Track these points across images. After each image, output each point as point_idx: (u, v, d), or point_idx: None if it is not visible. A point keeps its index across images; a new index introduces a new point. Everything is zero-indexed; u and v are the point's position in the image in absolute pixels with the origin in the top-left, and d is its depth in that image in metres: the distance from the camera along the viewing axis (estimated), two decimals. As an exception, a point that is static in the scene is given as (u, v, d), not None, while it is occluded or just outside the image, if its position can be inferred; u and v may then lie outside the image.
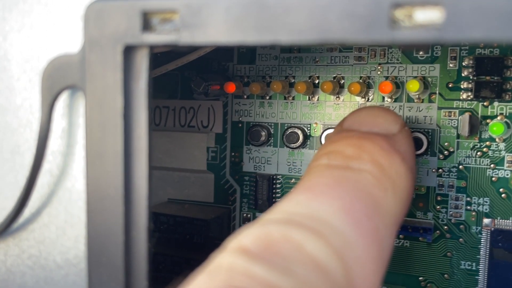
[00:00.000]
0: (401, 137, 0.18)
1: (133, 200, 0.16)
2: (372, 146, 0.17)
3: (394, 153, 0.17)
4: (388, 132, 0.18)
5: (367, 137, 0.17)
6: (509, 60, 0.27)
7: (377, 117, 0.18)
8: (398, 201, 0.16)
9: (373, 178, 0.16)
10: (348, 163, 0.16)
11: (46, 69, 0.17)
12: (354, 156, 0.16)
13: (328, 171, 0.16)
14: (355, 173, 0.16)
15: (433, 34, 0.13)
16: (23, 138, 0.19)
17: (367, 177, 0.16)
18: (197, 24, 0.15)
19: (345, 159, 0.16)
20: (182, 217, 0.32)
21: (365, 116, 0.18)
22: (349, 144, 0.17)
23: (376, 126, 0.18)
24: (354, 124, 0.18)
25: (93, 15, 0.16)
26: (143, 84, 0.16)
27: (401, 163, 0.17)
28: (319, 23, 0.14)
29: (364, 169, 0.16)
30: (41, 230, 0.19)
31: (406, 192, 0.17)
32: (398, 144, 0.17)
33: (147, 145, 0.16)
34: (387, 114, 0.18)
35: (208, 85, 0.31)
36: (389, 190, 0.16)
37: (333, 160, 0.16)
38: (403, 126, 0.18)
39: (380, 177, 0.16)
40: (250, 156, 0.33)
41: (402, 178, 0.17)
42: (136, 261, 0.16)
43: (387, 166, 0.16)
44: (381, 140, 0.17)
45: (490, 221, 0.28)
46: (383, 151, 0.17)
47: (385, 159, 0.16)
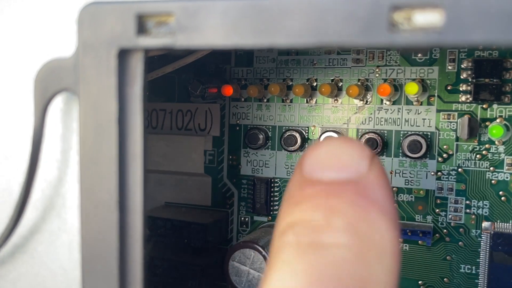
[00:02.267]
0: (373, 177, 0.15)
1: (128, 206, 0.16)
2: (343, 204, 0.14)
3: (370, 208, 0.14)
4: (357, 173, 0.15)
5: (335, 191, 0.14)
6: (508, 63, 0.27)
7: (340, 155, 0.15)
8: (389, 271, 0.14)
9: (353, 254, 0.13)
10: (319, 238, 0.14)
11: (39, 73, 0.17)
12: (324, 225, 0.14)
13: (297, 260, 0.13)
14: (330, 255, 0.13)
15: (432, 37, 0.13)
16: (16, 142, 0.19)
17: (345, 256, 0.13)
18: (193, 27, 0.15)
19: (314, 231, 0.14)
20: (179, 221, 0.31)
21: (326, 155, 0.15)
22: (315, 206, 0.14)
23: (342, 168, 0.15)
24: (316, 168, 0.15)
25: (87, 18, 0.16)
26: (138, 88, 0.16)
27: (380, 217, 0.14)
28: (317, 26, 0.13)
29: (339, 243, 0.13)
30: (34, 237, 0.19)
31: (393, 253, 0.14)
32: (372, 190, 0.14)
33: (142, 150, 0.16)
34: (351, 149, 0.15)
35: (205, 88, 0.30)
36: (375, 264, 0.13)
37: (300, 235, 0.14)
38: (371, 158, 0.15)
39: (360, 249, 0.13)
40: (247, 159, 0.32)
41: (386, 239, 0.14)
42: (131, 268, 0.16)
43: (365, 229, 0.14)
44: (351, 192, 0.14)
45: (490, 224, 0.27)
46: (357, 209, 0.14)
47: (361, 219, 0.14)
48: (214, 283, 0.32)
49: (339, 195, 0.14)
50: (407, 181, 0.29)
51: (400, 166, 0.29)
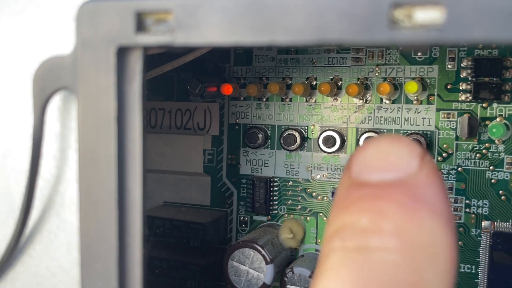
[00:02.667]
0: (424, 177, 0.14)
1: (127, 205, 0.16)
2: (391, 206, 0.13)
3: (420, 209, 0.13)
4: (407, 173, 0.14)
5: (383, 194, 0.14)
6: (508, 61, 0.26)
7: (388, 155, 0.14)
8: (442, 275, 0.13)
9: (402, 258, 0.12)
10: (367, 242, 0.13)
11: (38, 71, 0.17)
12: (372, 229, 0.13)
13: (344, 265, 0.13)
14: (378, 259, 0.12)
15: (433, 34, 0.13)
16: (15, 141, 0.19)
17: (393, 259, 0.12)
18: (192, 25, 0.15)
19: (361, 235, 0.13)
20: (178, 220, 0.31)
21: (373, 156, 0.14)
22: (362, 210, 0.14)
23: (390, 169, 0.14)
24: (363, 170, 0.15)
25: (85, 16, 0.16)
26: (137, 86, 0.15)
27: (432, 219, 0.13)
28: (317, 23, 0.13)
29: (387, 247, 0.13)
30: (33, 236, 0.19)
31: (449, 258, 0.13)
32: (422, 191, 0.14)
33: (141, 148, 0.16)
34: (400, 147, 0.14)
35: (204, 87, 0.30)
36: (426, 267, 0.13)
37: (347, 240, 0.13)
38: (422, 158, 0.14)
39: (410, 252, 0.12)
40: (247, 159, 0.32)
41: (439, 241, 0.13)
42: (130, 268, 0.16)
43: (415, 232, 0.13)
44: (400, 192, 0.13)
45: (490, 224, 0.27)
46: (406, 210, 0.13)
47: (410, 222, 0.13)
48: (213, 283, 0.32)
49: (387, 197, 0.14)
50: (406, 180, 0.29)
51: (400, 165, 0.29)
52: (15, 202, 0.19)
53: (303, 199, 0.31)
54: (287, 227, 0.31)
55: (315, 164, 0.31)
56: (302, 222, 0.31)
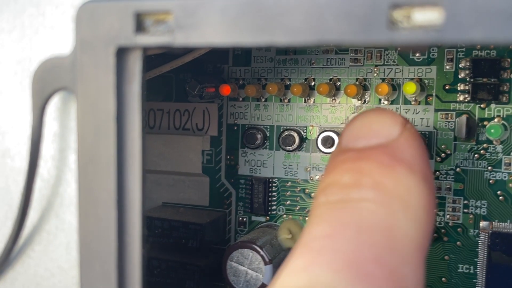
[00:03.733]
0: (404, 140, 0.15)
1: (126, 205, 0.16)
2: (370, 165, 0.15)
3: (397, 166, 0.15)
4: (388, 138, 0.15)
5: (364, 155, 0.15)
6: (506, 62, 0.27)
7: (372, 124, 0.16)
8: (415, 222, 0.14)
9: (378, 207, 0.14)
10: (347, 195, 0.14)
11: (37, 71, 0.17)
12: (352, 184, 0.14)
13: (326, 213, 0.14)
14: (356, 208, 0.14)
15: (432, 35, 0.13)
16: (14, 141, 0.19)
17: (370, 208, 0.14)
18: (191, 25, 0.15)
19: (342, 190, 0.14)
20: (177, 221, 0.31)
21: (359, 126, 0.16)
22: (345, 170, 0.15)
23: (373, 135, 0.16)
24: (350, 139, 0.16)
25: (85, 16, 0.16)
26: (136, 87, 0.15)
27: (408, 174, 0.14)
28: (316, 24, 0.13)
29: (365, 198, 0.14)
30: (32, 236, 0.18)
31: (423, 208, 0.14)
32: (401, 151, 0.15)
33: (141, 149, 0.16)
34: (383, 117, 0.16)
35: (203, 87, 0.30)
36: (399, 213, 0.14)
37: (330, 195, 0.15)
38: (403, 125, 0.16)
39: (385, 201, 0.14)
40: (245, 159, 0.32)
41: (413, 192, 0.14)
42: (129, 268, 0.16)
43: (391, 185, 0.14)
44: (380, 153, 0.15)
45: (488, 224, 0.27)
46: (384, 167, 0.14)
47: (387, 176, 0.14)
48: (212, 284, 0.32)
49: (368, 157, 0.15)
50: (405, 181, 0.29)
51: (398, 166, 0.29)
52: (14, 203, 0.19)
53: (301, 200, 0.31)
54: (286, 228, 0.31)
55: (314, 164, 0.31)
56: (301, 223, 0.31)
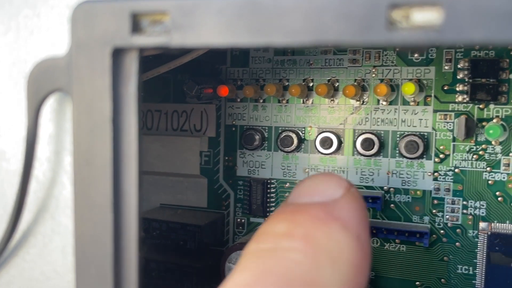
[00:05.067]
0: (344, 201, 0.16)
1: (123, 208, 0.16)
2: (306, 217, 0.15)
3: (331, 221, 0.15)
4: (329, 198, 0.16)
5: (302, 209, 0.15)
6: (504, 62, 0.26)
7: (318, 185, 0.17)
8: (341, 278, 0.14)
9: (304, 258, 0.14)
10: (277, 244, 0.14)
11: (32, 73, 0.16)
12: (285, 234, 0.14)
13: (252, 262, 0.14)
14: (282, 257, 0.14)
15: (431, 35, 0.13)
16: (9, 143, 0.18)
17: (296, 258, 0.14)
18: (188, 26, 0.15)
19: (274, 239, 0.14)
20: (175, 222, 0.31)
21: (306, 185, 0.17)
22: (280, 220, 0.15)
23: (316, 194, 0.16)
24: (295, 197, 0.17)
25: (80, 17, 0.16)
26: (132, 88, 0.15)
27: (341, 231, 0.15)
28: (314, 25, 0.13)
29: (294, 248, 0.14)
30: (27, 239, 0.18)
31: (352, 265, 0.14)
32: (339, 210, 0.15)
33: (137, 151, 0.16)
34: (330, 180, 0.16)
35: (201, 88, 0.30)
36: (326, 267, 0.14)
37: (261, 242, 0.15)
38: (348, 189, 0.16)
39: (313, 254, 0.14)
40: (244, 160, 0.32)
41: (343, 248, 0.14)
42: (126, 272, 0.16)
43: (322, 239, 0.14)
44: (317, 209, 0.15)
45: (487, 225, 0.27)
46: (318, 221, 0.15)
47: (320, 230, 0.14)
48: (210, 285, 0.31)
49: (305, 211, 0.15)
50: (403, 182, 0.29)
51: (397, 167, 0.29)
52: (9, 205, 0.19)
53: (300, 201, 0.31)
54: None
55: (312, 165, 0.31)
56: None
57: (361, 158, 0.29)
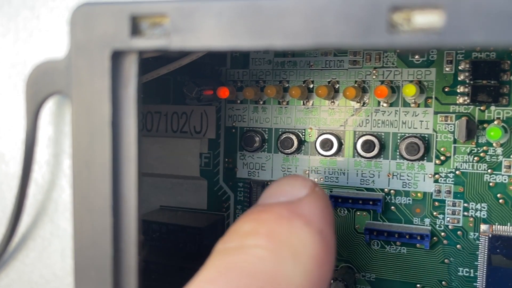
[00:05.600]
0: (308, 200, 0.16)
1: (122, 211, 0.16)
2: (270, 216, 0.16)
3: (294, 218, 0.15)
4: (294, 197, 0.17)
5: (267, 208, 0.16)
6: (505, 64, 0.26)
7: (284, 186, 0.17)
8: (303, 271, 0.14)
9: (267, 253, 0.14)
10: (243, 242, 0.15)
11: (31, 75, 0.16)
12: (250, 233, 0.15)
13: (218, 259, 0.15)
14: (246, 254, 0.14)
15: (432, 38, 0.13)
16: (8, 146, 0.18)
17: (259, 254, 0.14)
18: (188, 29, 0.14)
19: (240, 237, 0.15)
20: (174, 224, 0.31)
21: (273, 187, 0.17)
22: (247, 220, 0.16)
23: (282, 195, 0.17)
24: (263, 198, 0.17)
25: (80, 19, 0.15)
26: (132, 91, 0.15)
27: (303, 226, 0.15)
28: (315, 27, 0.13)
29: (257, 245, 0.15)
30: (26, 243, 0.18)
31: (314, 259, 0.15)
32: (302, 208, 0.16)
33: (136, 154, 0.16)
34: (295, 181, 0.17)
35: (200, 90, 0.30)
36: (288, 261, 0.14)
37: (227, 242, 0.15)
38: (312, 188, 0.17)
39: (275, 249, 0.14)
40: (244, 162, 0.32)
41: (305, 242, 0.15)
42: (125, 274, 0.16)
43: (285, 234, 0.15)
44: (281, 208, 0.16)
45: (488, 227, 0.27)
46: (282, 219, 0.15)
47: (283, 227, 0.15)
48: (210, 288, 0.31)
49: (270, 210, 0.16)
50: (404, 184, 0.29)
51: (398, 169, 0.29)
52: (8, 209, 0.18)
53: (300, 203, 0.31)
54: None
55: (313, 167, 0.30)
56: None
57: (362, 160, 0.29)
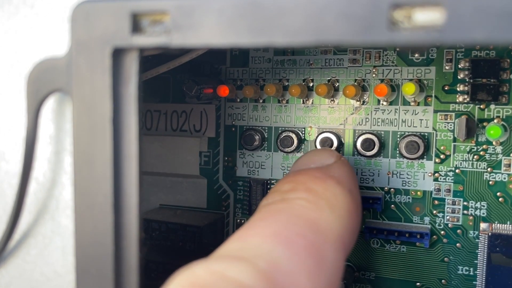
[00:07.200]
0: (336, 165, 0.20)
1: (123, 208, 0.16)
2: (306, 177, 0.18)
3: (327, 178, 0.18)
4: (323, 164, 0.20)
5: (303, 172, 0.19)
6: (505, 63, 0.26)
7: (313, 156, 0.21)
8: (338, 217, 0.17)
9: (307, 203, 0.17)
10: (284, 197, 0.17)
11: (32, 73, 0.16)
12: (290, 190, 0.18)
13: (265, 209, 0.17)
14: (289, 203, 0.17)
15: (433, 35, 0.13)
16: (9, 144, 0.18)
17: (301, 203, 0.17)
18: (188, 26, 0.14)
19: (281, 194, 0.18)
20: (174, 223, 0.31)
21: (304, 158, 0.21)
22: (285, 181, 0.19)
23: (312, 162, 0.20)
24: (295, 167, 0.21)
25: (80, 17, 0.15)
26: (132, 88, 0.15)
27: (336, 185, 0.18)
28: (316, 24, 0.13)
29: (298, 197, 0.17)
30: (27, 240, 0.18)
31: (346, 209, 0.18)
32: (333, 171, 0.19)
33: (137, 151, 0.16)
34: (323, 152, 0.21)
35: (200, 88, 0.30)
36: (325, 209, 0.17)
37: (271, 198, 0.18)
38: (339, 157, 0.20)
39: (314, 200, 0.17)
40: (243, 161, 0.32)
41: (338, 197, 0.18)
42: (126, 272, 0.16)
43: (321, 190, 0.17)
44: (315, 171, 0.19)
45: (488, 226, 0.27)
46: (317, 179, 0.18)
47: (318, 185, 0.18)
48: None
49: (305, 173, 0.19)
50: (404, 182, 0.29)
51: (397, 167, 0.29)
52: (9, 207, 0.18)
53: (300, 201, 0.31)
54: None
55: (312, 166, 0.30)
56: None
57: (361, 159, 0.29)
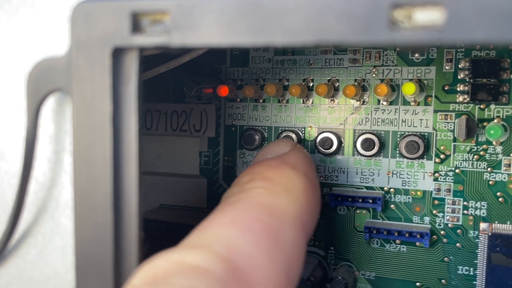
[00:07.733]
0: (291, 153, 0.21)
1: (123, 208, 0.16)
2: (263, 167, 0.19)
3: (283, 165, 0.19)
4: (279, 153, 0.21)
5: (260, 163, 0.20)
6: (505, 62, 0.26)
7: (270, 148, 0.22)
8: (294, 199, 0.18)
9: (264, 190, 0.18)
10: (242, 188, 0.18)
11: (32, 72, 0.16)
12: (248, 181, 0.18)
13: (225, 202, 0.18)
14: (247, 193, 0.18)
15: (433, 35, 0.13)
16: (9, 143, 0.18)
17: (258, 191, 0.18)
18: (188, 25, 0.14)
19: (240, 186, 0.18)
20: (174, 223, 0.31)
21: (262, 151, 0.22)
22: (244, 174, 0.20)
23: (270, 153, 0.21)
24: (255, 160, 0.22)
25: (80, 16, 0.15)
26: (132, 88, 0.15)
27: (291, 170, 0.19)
28: (316, 24, 0.13)
29: (256, 186, 0.18)
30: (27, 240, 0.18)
31: (302, 191, 0.18)
32: (288, 158, 0.20)
33: (137, 151, 0.16)
34: (279, 142, 0.23)
35: (200, 88, 0.30)
36: (281, 194, 0.18)
37: (230, 191, 0.19)
38: (294, 146, 0.22)
39: (271, 187, 0.18)
40: (243, 161, 0.32)
41: (294, 181, 0.19)
42: (126, 272, 0.16)
43: (277, 177, 0.18)
44: (271, 160, 0.20)
45: (488, 226, 0.27)
46: (273, 167, 0.19)
47: (275, 172, 0.19)
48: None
49: (262, 163, 0.20)
50: (404, 182, 0.29)
51: (397, 167, 0.29)
52: (8, 206, 0.18)
53: (300, 201, 0.31)
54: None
55: (312, 166, 0.30)
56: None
57: (361, 158, 0.29)
